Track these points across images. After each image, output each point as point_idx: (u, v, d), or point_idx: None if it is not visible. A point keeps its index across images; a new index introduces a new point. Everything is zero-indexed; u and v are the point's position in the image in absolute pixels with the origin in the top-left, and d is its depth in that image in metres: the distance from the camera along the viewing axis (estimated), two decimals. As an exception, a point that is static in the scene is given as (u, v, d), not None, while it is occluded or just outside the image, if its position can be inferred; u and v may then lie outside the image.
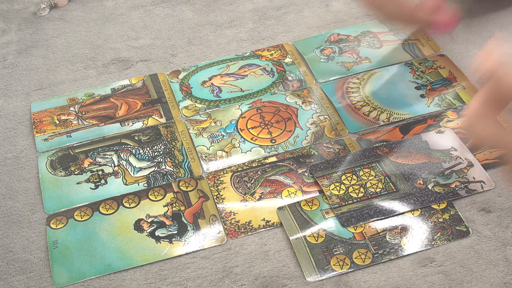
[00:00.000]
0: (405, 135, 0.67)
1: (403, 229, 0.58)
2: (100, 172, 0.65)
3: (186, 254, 0.58)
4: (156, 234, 0.59)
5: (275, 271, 0.56)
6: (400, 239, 0.57)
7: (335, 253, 0.56)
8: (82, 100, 0.74)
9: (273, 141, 0.67)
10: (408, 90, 0.72)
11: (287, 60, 0.77)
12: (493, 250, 0.56)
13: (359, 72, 0.75)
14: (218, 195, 0.62)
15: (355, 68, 0.75)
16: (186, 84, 0.75)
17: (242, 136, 0.68)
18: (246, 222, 0.60)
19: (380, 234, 0.58)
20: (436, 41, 0.78)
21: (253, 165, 0.65)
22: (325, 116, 0.70)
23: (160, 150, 0.67)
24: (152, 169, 0.66)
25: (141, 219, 0.61)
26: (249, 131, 0.69)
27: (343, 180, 0.62)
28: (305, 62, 0.77)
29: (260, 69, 0.76)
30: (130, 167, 0.66)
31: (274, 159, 0.65)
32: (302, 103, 0.71)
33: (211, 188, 0.63)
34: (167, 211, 0.61)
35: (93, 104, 0.74)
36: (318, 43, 0.79)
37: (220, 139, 0.68)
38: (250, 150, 0.67)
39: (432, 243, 0.57)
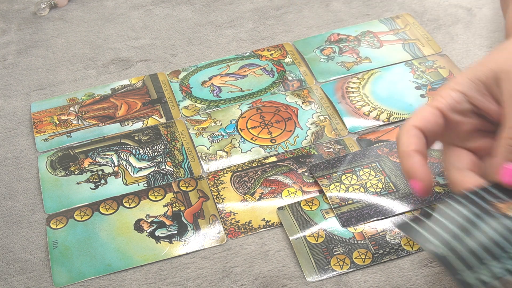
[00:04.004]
0: (405, 135, 0.67)
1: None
2: (100, 172, 0.65)
3: (186, 254, 0.58)
4: (156, 234, 0.59)
5: (275, 271, 0.56)
6: (400, 239, 0.57)
7: (335, 253, 0.57)
8: (82, 100, 0.74)
9: (273, 141, 0.68)
10: (408, 90, 0.72)
11: (287, 60, 0.77)
12: (493, 250, 0.56)
13: (359, 72, 0.75)
14: (218, 195, 0.62)
15: (355, 68, 0.75)
16: (186, 84, 0.75)
17: (242, 136, 0.68)
18: (246, 222, 0.60)
19: (380, 234, 0.58)
20: (436, 41, 0.78)
21: (253, 165, 0.65)
22: (325, 116, 0.70)
23: (160, 150, 0.67)
24: (152, 169, 0.66)
25: (141, 219, 0.61)
26: (249, 131, 0.69)
27: (343, 180, 0.62)
28: (305, 62, 0.77)
29: (260, 69, 0.76)
30: (130, 167, 0.66)
31: (274, 159, 0.65)
32: (302, 103, 0.71)
33: (211, 188, 0.63)
34: (167, 211, 0.61)
35: (93, 104, 0.74)
36: (318, 43, 0.79)
37: (220, 139, 0.68)
38: (250, 150, 0.67)
39: (432, 243, 0.57)
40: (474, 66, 0.49)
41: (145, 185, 0.64)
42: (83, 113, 0.72)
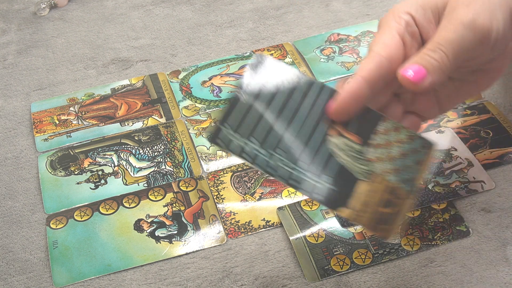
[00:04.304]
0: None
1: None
2: (100, 172, 0.65)
3: (186, 254, 0.58)
4: (156, 234, 0.59)
5: (275, 271, 0.56)
6: (400, 239, 0.57)
7: (335, 253, 0.56)
8: (82, 100, 0.74)
9: (273, 141, 0.67)
10: (408, 90, 0.72)
11: (287, 60, 0.77)
12: (493, 250, 0.56)
13: (359, 72, 0.75)
14: (218, 195, 0.62)
15: (355, 68, 0.75)
16: (186, 84, 0.75)
17: (242, 136, 0.68)
18: (246, 222, 0.60)
19: (380, 234, 0.58)
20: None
21: (253, 165, 0.65)
22: (325, 116, 0.70)
23: (160, 150, 0.67)
24: (152, 169, 0.66)
25: (141, 219, 0.61)
26: (249, 131, 0.69)
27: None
28: (305, 62, 0.77)
29: (260, 69, 0.76)
30: (130, 167, 0.66)
31: (274, 159, 0.65)
32: (302, 103, 0.71)
33: (211, 188, 0.63)
34: (167, 211, 0.61)
35: (93, 104, 0.74)
36: (318, 43, 0.79)
37: (220, 139, 0.68)
38: (250, 150, 0.67)
39: (432, 243, 0.57)
40: None
41: (145, 185, 0.64)
42: (83, 113, 0.72)
